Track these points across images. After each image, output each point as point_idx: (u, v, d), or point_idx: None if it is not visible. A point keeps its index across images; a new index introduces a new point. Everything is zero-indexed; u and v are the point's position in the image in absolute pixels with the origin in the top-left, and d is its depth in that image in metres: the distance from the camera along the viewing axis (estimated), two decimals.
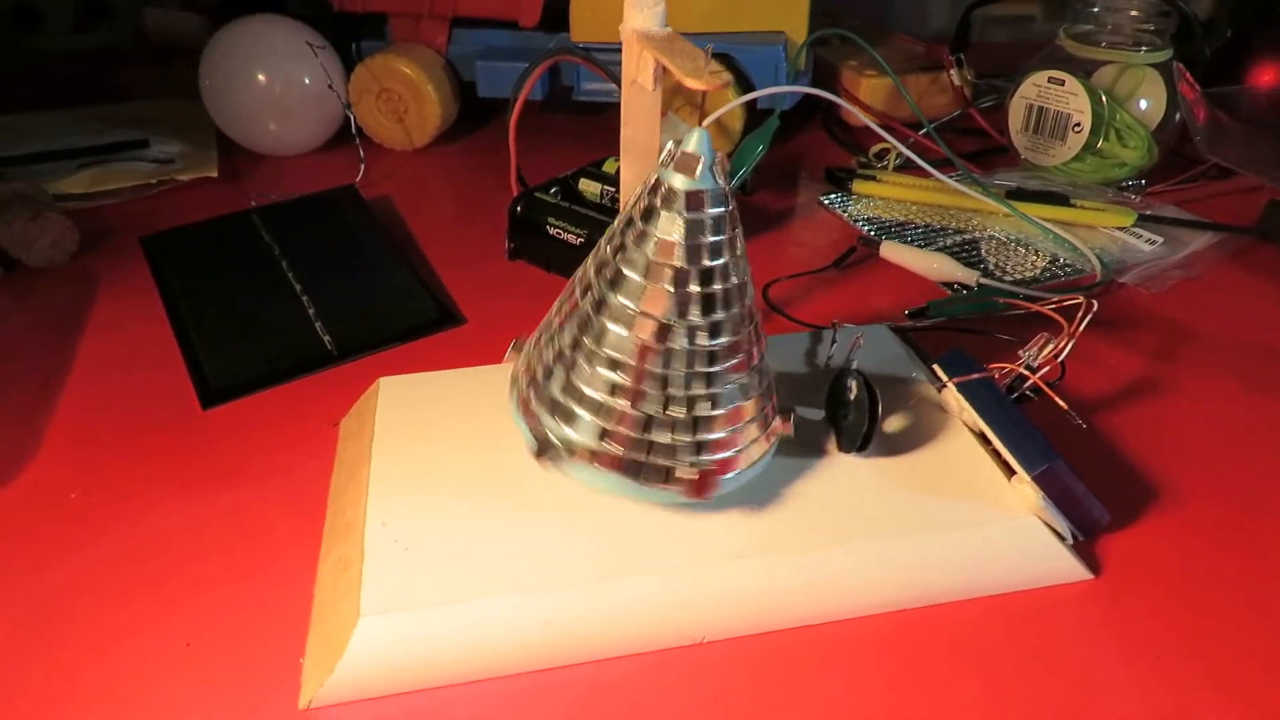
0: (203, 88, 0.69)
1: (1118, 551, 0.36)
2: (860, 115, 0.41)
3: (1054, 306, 0.42)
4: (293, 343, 0.49)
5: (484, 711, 0.31)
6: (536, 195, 0.56)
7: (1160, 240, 0.59)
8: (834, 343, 0.43)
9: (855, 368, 0.39)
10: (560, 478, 0.35)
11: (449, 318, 0.51)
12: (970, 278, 0.54)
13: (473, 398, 0.40)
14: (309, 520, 0.38)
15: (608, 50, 0.66)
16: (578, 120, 0.79)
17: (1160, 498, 0.39)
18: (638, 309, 0.32)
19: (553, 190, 0.56)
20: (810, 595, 0.33)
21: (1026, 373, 0.38)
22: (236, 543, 0.37)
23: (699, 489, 0.33)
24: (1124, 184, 0.66)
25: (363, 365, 0.48)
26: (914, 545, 0.34)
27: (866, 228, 0.62)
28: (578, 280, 0.34)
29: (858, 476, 0.37)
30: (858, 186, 0.65)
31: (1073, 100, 0.64)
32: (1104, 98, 0.63)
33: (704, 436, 0.33)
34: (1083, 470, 0.35)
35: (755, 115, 0.70)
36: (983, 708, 0.31)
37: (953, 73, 0.74)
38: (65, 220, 0.57)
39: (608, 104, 0.73)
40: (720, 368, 0.32)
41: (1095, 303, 0.41)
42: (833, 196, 0.66)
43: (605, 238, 0.33)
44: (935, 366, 0.40)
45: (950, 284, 0.55)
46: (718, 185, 0.31)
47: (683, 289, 0.31)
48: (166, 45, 0.93)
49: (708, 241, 0.31)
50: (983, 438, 0.38)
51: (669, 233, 0.31)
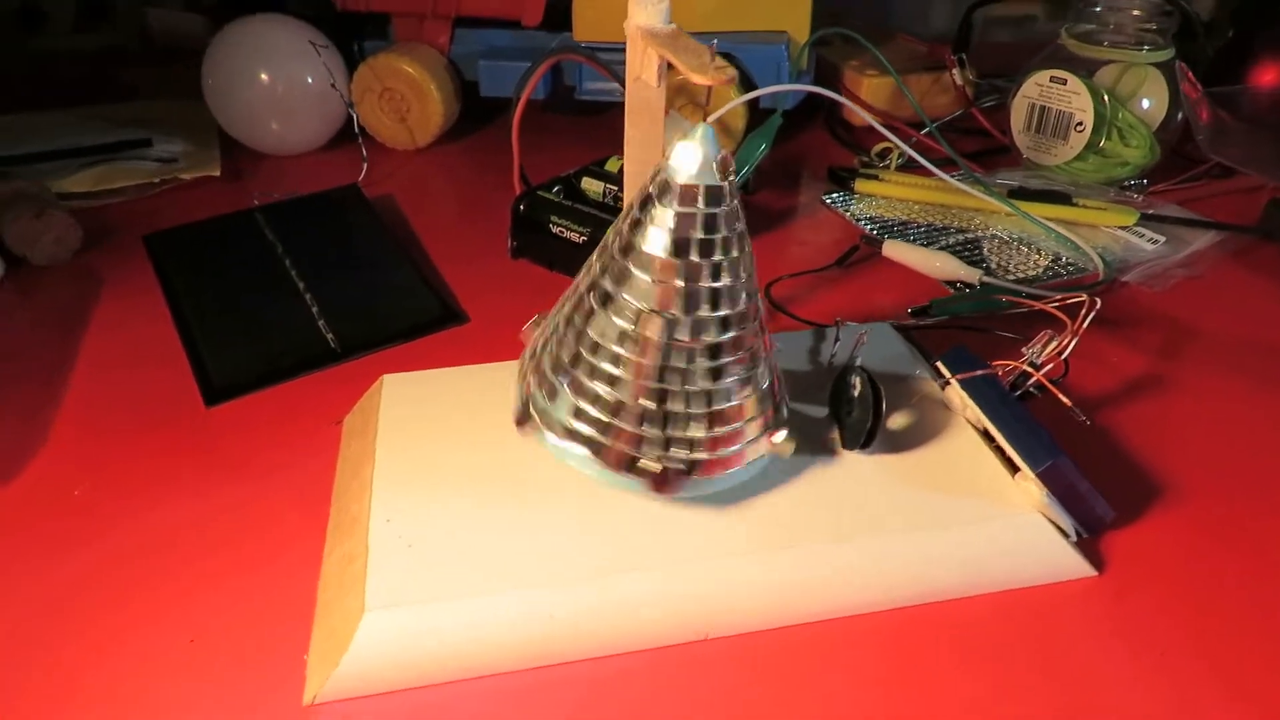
0: (205, 87, 0.69)
1: (1122, 548, 0.36)
2: (863, 114, 0.41)
3: (1057, 304, 0.42)
4: (296, 341, 0.49)
5: (488, 707, 0.31)
6: (539, 194, 0.56)
7: (1162, 239, 0.59)
8: (837, 340, 0.43)
9: (859, 364, 0.39)
10: (563, 475, 0.35)
11: (452, 316, 0.51)
12: (973, 276, 0.54)
13: (476, 395, 0.40)
14: (312, 518, 0.38)
15: (610, 50, 0.66)
16: (579, 120, 0.79)
17: (1164, 495, 0.39)
18: (638, 304, 0.32)
19: (555, 189, 0.56)
20: (814, 591, 0.33)
21: (1030, 369, 0.38)
22: (239, 540, 0.37)
23: (659, 484, 0.33)
24: (1126, 183, 0.66)
25: (365, 363, 0.48)
26: (918, 542, 0.34)
27: (869, 227, 0.62)
28: (583, 274, 0.34)
29: (861, 473, 0.37)
30: (860, 186, 0.65)
31: (1075, 99, 0.64)
32: (1106, 97, 0.63)
33: (694, 433, 0.33)
34: (1086, 467, 0.35)
35: (758, 115, 0.71)
36: (987, 704, 0.31)
37: (955, 72, 0.74)
38: (69, 218, 0.57)
39: (610, 103, 0.74)
40: (721, 362, 0.32)
41: (1099, 300, 0.41)
42: (835, 196, 0.66)
43: (611, 231, 0.33)
44: (938, 364, 0.40)
45: (953, 282, 0.55)
46: (721, 181, 0.31)
47: (685, 285, 0.31)
48: (169, 45, 0.93)
49: (711, 238, 0.31)
50: (986, 435, 0.38)
51: (672, 227, 0.31)
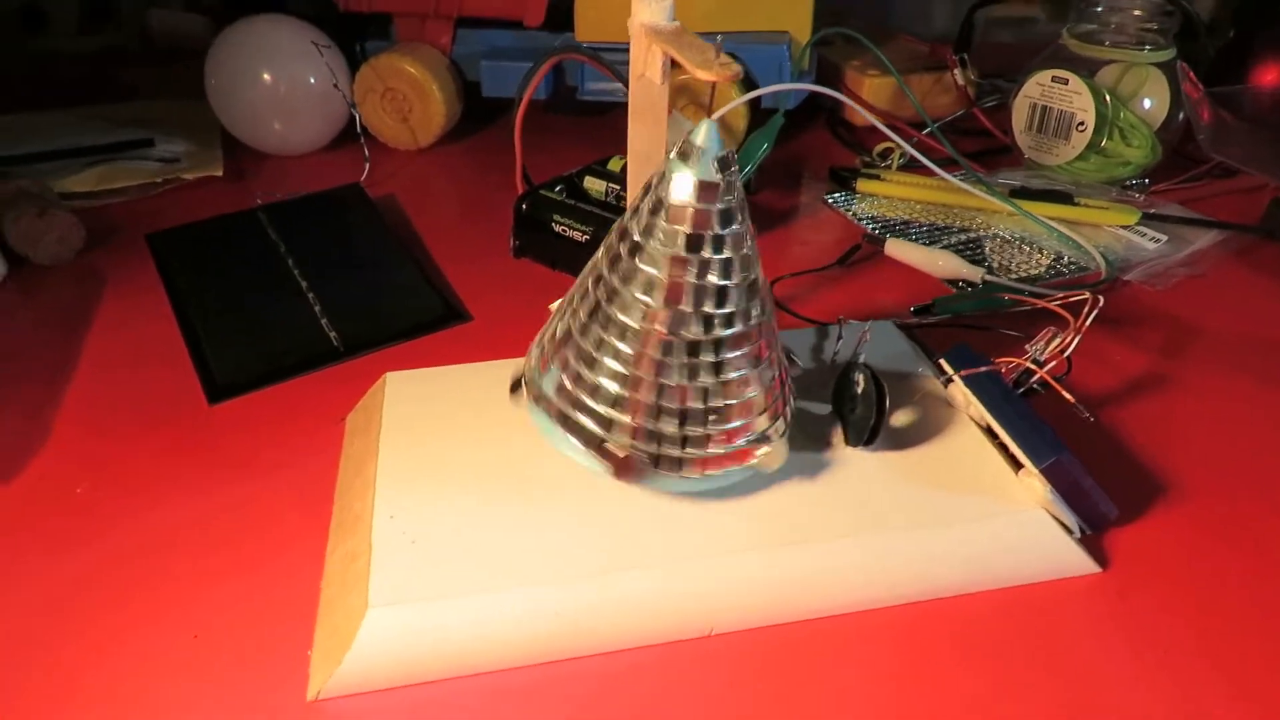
0: (208, 87, 0.69)
1: (1125, 546, 0.36)
2: (864, 113, 0.41)
3: (1060, 302, 0.42)
4: (299, 339, 0.49)
5: (491, 704, 0.31)
6: (542, 193, 0.56)
7: (1164, 238, 0.59)
8: (840, 338, 0.43)
9: (862, 361, 0.39)
10: (566, 472, 0.35)
11: (454, 314, 0.51)
12: (975, 274, 0.54)
13: (480, 392, 0.40)
14: (315, 515, 0.38)
15: (612, 50, 0.66)
16: (581, 121, 0.79)
17: (1167, 493, 0.39)
18: (644, 298, 0.32)
19: (558, 188, 0.56)
20: (818, 588, 0.33)
21: (1033, 367, 0.38)
22: (243, 537, 0.37)
23: (621, 469, 0.33)
24: (1128, 183, 0.66)
25: (368, 362, 0.48)
26: (921, 538, 0.34)
27: (870, 226, 0.62)
28: (589, 269, 0.34)
29: (865, 470, 0.37)
30: (862, 185, 0.65)
31: (1076, 99, 0.64)
32: (1107, 97, 0.63)
33: (708, 429, 0.33)
34: (1090, 465, 0.35)
35: (759, 115, 0.71)
36: (990, 701, 0.31)
37: (956, 72, 0.74)
38: (71, 217, 0.57)
39: (611, 104, 0.74)
40: (726, 357, 0.32)
41: (1101, 298, 0.41)
42: (837, 195, 0.66)
43: (616, 227, 0.33)
44: (941, 361, 0.40)
45: (955, 281, 0.55)
46: (725, 178, 0.31)
47: (691, 280, 0.31)
48: (171, 46, 0.93)
49: (716, 234, 0.31)
50: (989, 432, 0.38)
51: (677, 223, 0.31)
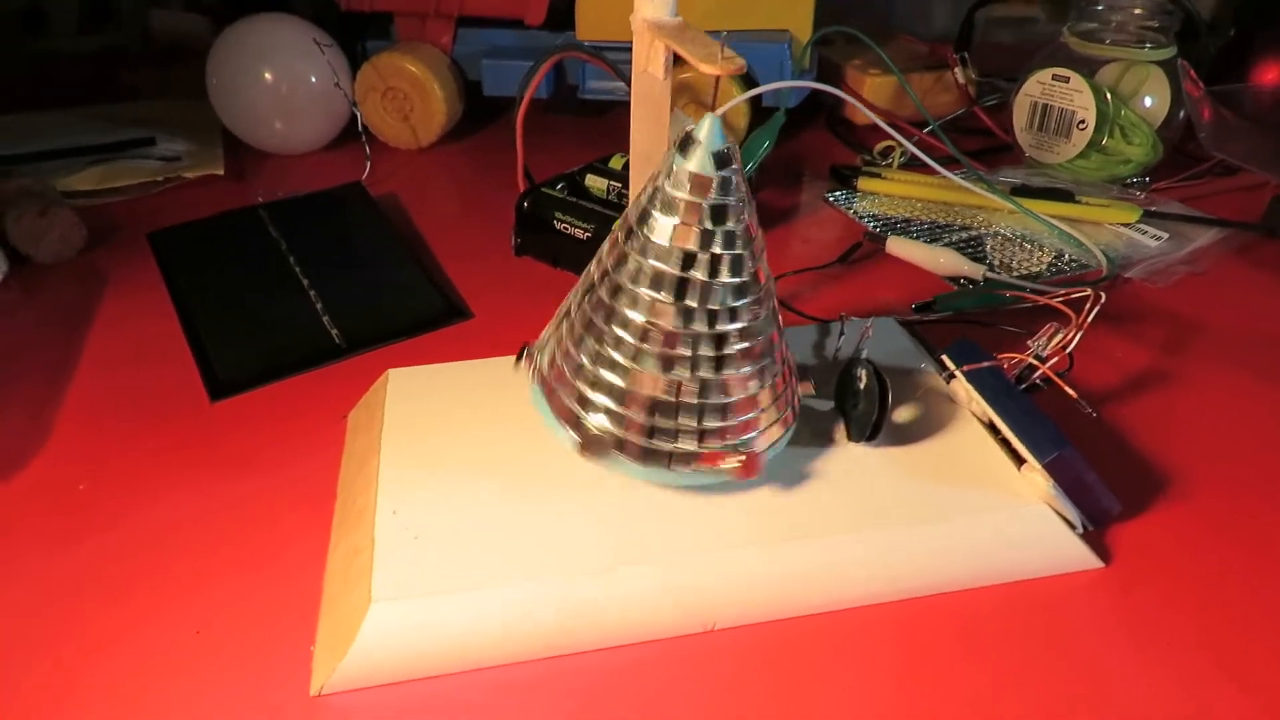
0: (209, 86, 0.69)
1: (1128, 541, 0.36)
2: (865, 111, 0.41)
3: (1061, 299, 0.42)
4: (300, 337, 0.49)
5: (494, 698, 0.31)
6: (544, 191, 0.56)
7: (1165, 236, 0.59)
8: (842, 334, 0.43)
9: (865, 357, 0.39)
10: (569, 467, 0.35)
11: (456, 312, 0.51)
12: (977, 272, 0.54)
13: (483, 389, 0.40)
14: (317, 512, 0.38)
15: (612, 49, 0.66)
16: (582, 121, 0.79)
17: (1170, 488, 0.39)
18: (648, 293, 0.32)
19: (559, 186, 0.56)
20: (820, 583, 0.33)
21: (1036, 362, 0.38)
22: (245, 533, 0.37)
23: (586, 447, 0.34)
24: (1129, 181, 0.66)
25: (370, 359, 0.48)
26: (924, 533, 0.34)
27: (872, 224, 0.62)
28: (593, 264, 0.34)
29: (868, 466, 0.37)
30: (863, 184, 0.65)
31: (1077, 98, 0.64)
32: (1108, 95, 0.63)
33: (710, 424, 0.33)
34: (1092, 461, 0.35)
35: (760, 115, 0.71)
36: (993, 695, 0.31)
37: (957, 71, 0.74)
38: (73, 216, 0.57)
39: (612, 103, 0.74)
40: (729, 351, 0.32)
41: (1103, 294, 0.41)
42: (838, 194, 0.66)
43: (620, 221, 0.33)
44: (943, 356, 0.40)
45: (956, 278, 0.55)
46: (729, 171, 0.31)
47: (696, 273, 0.31)
48: (172, 46, 0.93)
49: (719, 228, 0.31)
50: (992, 428, 0.38)
51: (684, 216, 0.31)
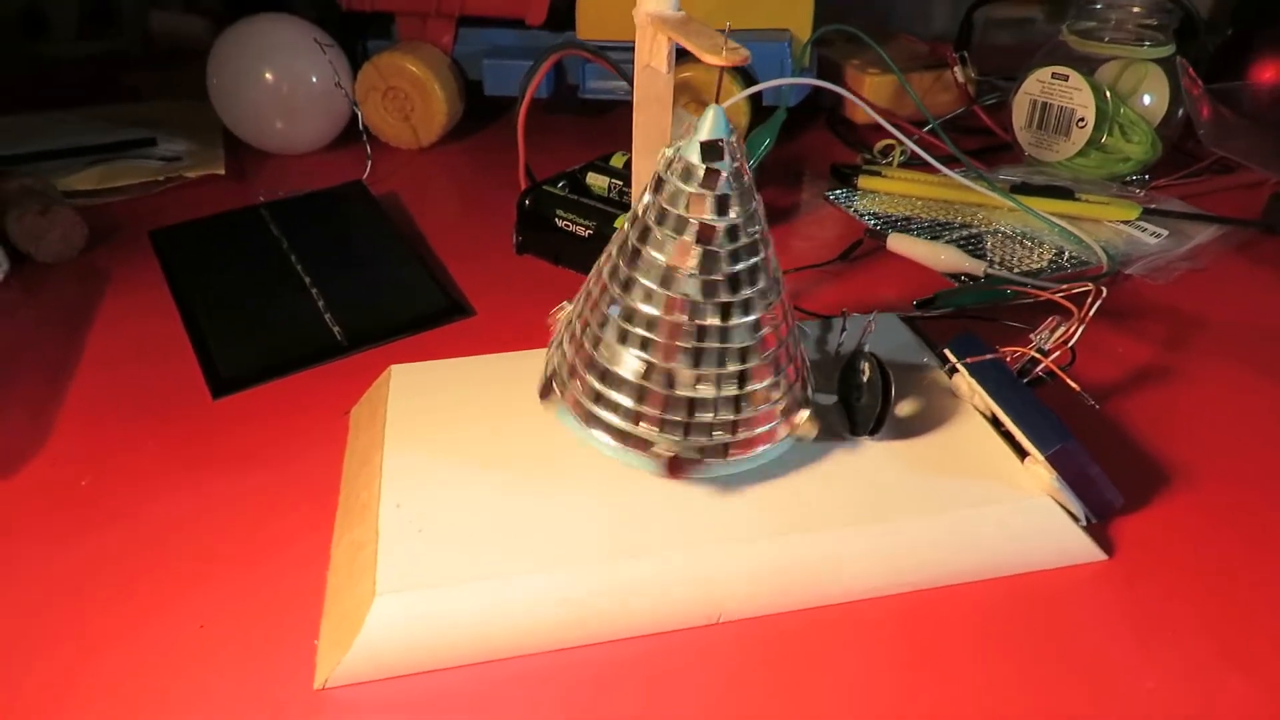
0: (210, 86, 0.69)
1: (1131, 533, 0.37)
2: (866, 109, 0.41)
3: (1063, 294, 0.42)
4: (302, 334, 0.49)
5: (498, 691, 0.31)
6: (545, 189, 0.56)
7: (1165, 233, 0.59)
8: (844, 330, 0.43)
9: (867, 350, 0.39)
10: (573, 460, 0.35)
11: (457, 309, 0.51)
12: (978, 268, 0.54)
13: (485, 385, 0.40)
14: (320, 508, 0.38)
15: (613, 48, 0.66)
16: (582, 120, 0.79)
17: (1172, 481, 0.39)
18: (660, 289, 0.32)
19: (560, 184, 0.56)
20: (825, 575, 0.33)
21: (1039, 355, 0.38)
22: (248, 529, 0.37)
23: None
24: (1128, 179, 0.66)
25: (372, 356, 0.48)
26: (928, 526, 0.34)
27: (872, 222, 0.62)
28: (603, 259, 0.34)
29: (871, 459, 0.37)
30: (863, 182, 0.66)
31: (1076, 96, 0.64)
32: (1108, 93, 0.64)
33: (720, 416, 0.33)
34: (1095, 455, 0.35)
35: (761, 114, 0.71)
36: (997, 688, 0.31)
37: (956, 70, 0.74)
38: (74, 215, 0.57)
39: (613, 102, 0.74)
40: (745, 344, 0.33)
41: (1104, 289, 0.41)
42: (838, 192, 0.66)
43: (628, 216, 0.33)
44: (946, 350, 0.40)
45: (957, 275, 0.55)
46: (734, 162, 0.31)
47: (706, 267, 0.31)
48: (172, 48, 0.93)
49: (725, 219, 0.31)
50: (994, 421, 0.38)
51: (690, 210, 0.31)
